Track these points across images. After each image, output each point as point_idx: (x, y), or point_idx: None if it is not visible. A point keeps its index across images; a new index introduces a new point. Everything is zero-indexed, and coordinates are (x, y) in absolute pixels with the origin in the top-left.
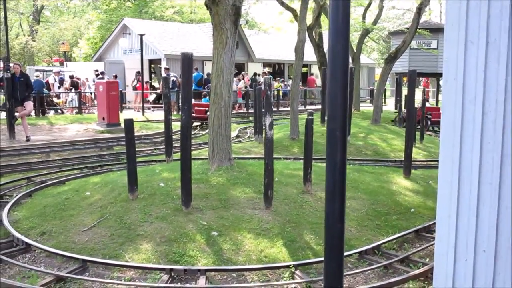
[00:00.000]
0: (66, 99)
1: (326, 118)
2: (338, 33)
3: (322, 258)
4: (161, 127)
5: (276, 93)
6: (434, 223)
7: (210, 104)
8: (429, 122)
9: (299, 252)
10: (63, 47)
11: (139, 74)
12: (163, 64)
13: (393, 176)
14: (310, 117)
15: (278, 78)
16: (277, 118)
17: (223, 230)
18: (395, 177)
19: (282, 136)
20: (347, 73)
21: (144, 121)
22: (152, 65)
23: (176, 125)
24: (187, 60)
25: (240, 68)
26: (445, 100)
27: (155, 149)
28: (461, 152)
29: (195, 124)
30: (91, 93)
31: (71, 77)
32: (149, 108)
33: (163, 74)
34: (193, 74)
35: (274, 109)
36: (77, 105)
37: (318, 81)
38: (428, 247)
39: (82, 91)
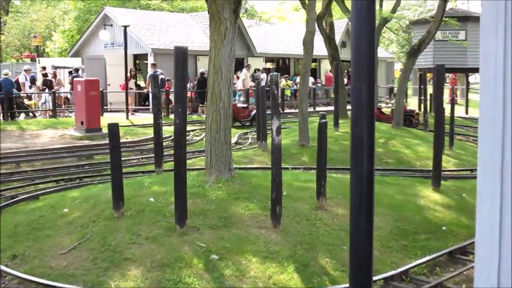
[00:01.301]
0: (39, 101)
1: (351, 123)
2: (362, 21)
3: (341, 286)
4: (149, 133)
5: (282, 92)
6: (471, 243)
7: (206, 105)
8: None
9: (313, 278)
10: (35, 41)
11: (136, 70)
12: (150, 60)
13: (420, 189)
14: (323, 121)
15: (287, 76)
16: (282, 122)
17: (224, 253)
18: (423, 190)
19: (290, 142)
20: (373, 69)
21: (129, 126)
22: (137, 61)
23: (167, 130)
24: (181, 55)
25: (239, 64)
26: (483, 98)
27: (142, 158)
28: (503, 158)
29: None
30: (68, 93)
31: (44, 75)
32: (135, 111)
33: (150, 71)
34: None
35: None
36: (51, 108)
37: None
38: (464, 272)
39: (57, 91)
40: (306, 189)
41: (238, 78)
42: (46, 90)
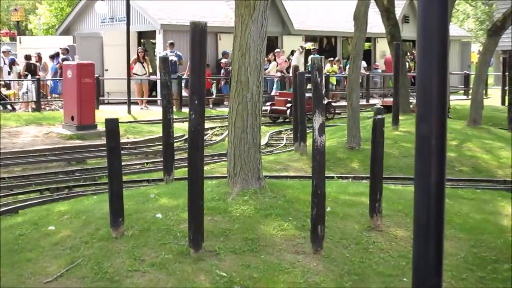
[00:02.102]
0: (19, 90)
1: (416, 120)
2: None
3: None
4: (156, 131)
5: (327, 80)
6: None
7: (230, 97)
8: None
9: None
10: (16, 15)
11: (143, 49)
12: (160, 39)
13: (502, 205)
14: (379, 117)
15: (332, 59)
16: (326, 118)
17: (250, 285)
18: (506, 206)
19: (335, 144)
20: (445, 51)
21: (131, 122)
22: (143, 40)
23: (179, 128)
24: (199, 33)
25: (271, 44)
26: None
27: (147, 163)
28: None
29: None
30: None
31: (27, 57)
32: (136, 103)
33: (160, 53)
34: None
35: None
36: (34, 98)
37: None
38: None
39: (43, 78)
40: (356, 205)
41: (269, 62)
42: (29, 77)
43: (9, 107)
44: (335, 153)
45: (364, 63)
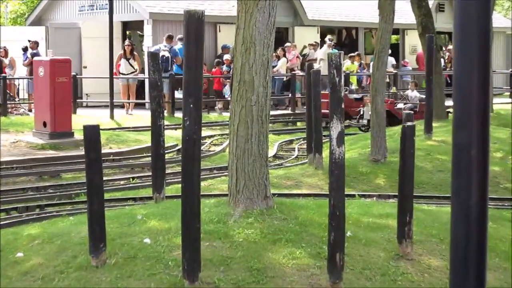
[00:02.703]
0: None
1: (452, 127)
2: None
3: None
4: (144, 140)
5: (346, 80)
6: None
7: (232, 100)
8: None
9: None
10: None
11: (130, 42)
12: (148, 30)
13: None
14: (408, 124)
15: (353, 54)
16: (346, 124)
17: None
18: None
19: (357, 156)
20: (488, 45)
21: (114, 129)
22: (128, 32)
23: (171, 137)
24: (194, 23)
25: (280, 37)
26: None
27: (133, 178)
28: None
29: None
30: (24, 80)
31: None
32: (122, 107)
33: (147, 47)
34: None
35: None
36: None
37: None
38: None
39: (9, 75)
40: (382, 228)
41: (278, 58)
42: None
43: None
44: (356, 166)
45: (392, 60)
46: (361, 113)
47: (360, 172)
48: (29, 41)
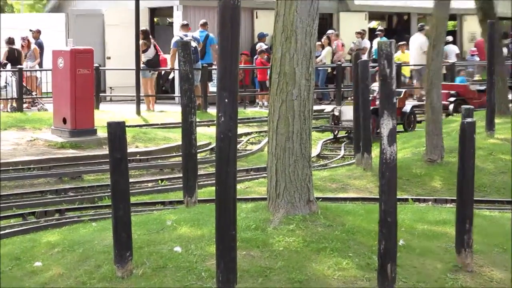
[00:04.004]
0: None
1: None
2: None
3: None
4: (173, 138)
5: (398, 71)
6: None
7: (271, 94)
8: None
9: None
10: None
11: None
12: (177, 16)
13: None
14: (468, 120)
15: (404, 43)
16: (398, 121)
17: None
18: None
19: (410, 156)
20: None
21: (141, 126)
22: (156, 19)
23: (204, 134)
24: (229, 10)
25: (324, 24)
26: None
27: (162, 180)
28: None
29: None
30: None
31: (9, 41)
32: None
33: (177, 36)
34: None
35: None
36: (15, 95)
37: None
38: None
39: (31, 68)
40: (438, 236)
41: (322, 47)
42: (9, 67)
43: None
44: (409, 167)
45: (455, 49)
46: None
47: (414, 173)
48: (30, 30)
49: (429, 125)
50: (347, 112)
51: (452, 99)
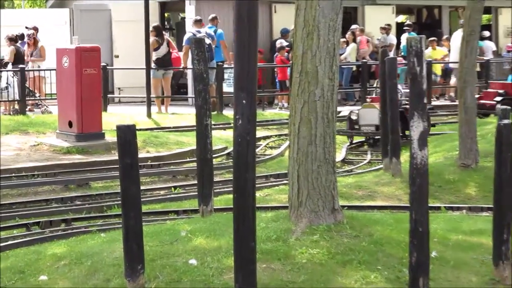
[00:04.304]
0: None
1: None
2: None
3: None
4: (187, 142)
5: (428, 70)
6: None
7: (292, 94)
8: None
9: None
10: None
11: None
12: (189, 11)
13: None
14: (505, 121)
15: (435, 39)
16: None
17: None
18: None
19: (442, 160)
20: None
21: (152, 129)
22: (167, 14)
23: (219, 138)
24: (247, 3)
25: (348, 19)
26: None
27: (175, 187)
28: None
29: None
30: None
31: (12, 39)
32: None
33: (190, 33)
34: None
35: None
36: (17, 97)
37: None
38: None
39: (37, 68)
40: (473, 247)
41: (347, 44)
42: (10, 66)
43: None
44: (441, 173)
45: (491, 45)
46: None
47: (447, 180)
48: (26, 27)
49: (462, 127)
50: (366, 115)
51: (499, 98)
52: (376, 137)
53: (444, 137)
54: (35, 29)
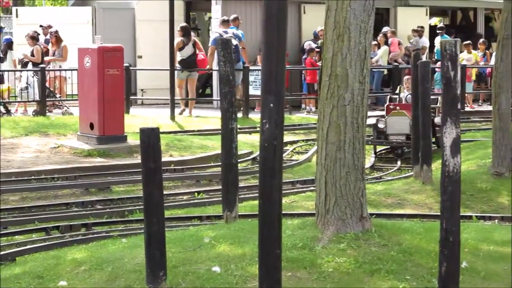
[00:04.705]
0: (17, 85)
1: None
2: None
3: None
4: (211, 146)
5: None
6: None
7: (320, 98)
8: None
9: None
10: None
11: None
12: (215, 10)
13: None
14: None
15: (470, 42)
16: (461, 130)
17: None
18: None
19: (474, 168)
20: None
21: (176, 133)
22: (192, 14)
23: (245, 143)
24: (276, 3)
25: (379, 20)
26: None
27: (199, 192)
28: None
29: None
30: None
31: (35, 38)
32: (185, 105)
33: (216, 33)
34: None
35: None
36: (37, 97)
37: None
38: None
39: (58, 68)
40: (505, 258)
41: (378, 47)
42: (30, 66)
43: (1, 109)
44: (474, 181)
45: None
46: None
47: (479, 188)
48: (40, 26)
49: (496, 134)
50: (395, 124)
51: None
52: (405, 148)
53: (476, 144)
54: (50, 27)
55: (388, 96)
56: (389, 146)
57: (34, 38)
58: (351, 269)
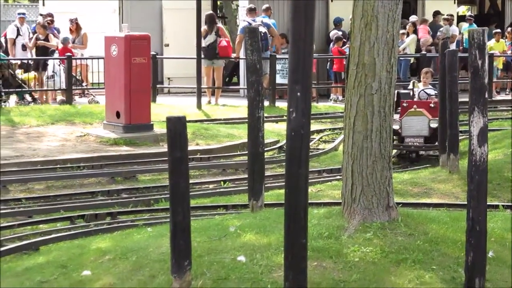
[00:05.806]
0: (43, 73)
1: None
2: None
3: None
4: (238, 135)
5: (490, 64)
6: None
7: (347, 87)
8: None
9: None
10: None
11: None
12: (244, 1)
13: None
14: None
15: (498, 31)
16: (489, 119)
17: None
18: None
19: (501, 157)
20: None
21: (202, 121)
22: (220, 2)
23: (271, 132)
24: None
25: (406, 9)
26: None
27: (224, 181)
28: None
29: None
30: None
31: (45, 26)
32: (212, 94)
33: (245, 21)
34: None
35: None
36: (63, 86)
37: None
38: None
39: (80, 55)
40: None
41: (407, 35)
42: (56, 54)
43: (27, 97)
44: (500, 170)
45: None
46: None
47: (506, 177)
48: (41, 14)
49: None
50: (412, 125)
51: None
52: (422, 152)
53: (503, 134)
54: (50, 15)
55: (396, 92)
56: (404, 151)
57: (44, 27)
58: (377, 258)
